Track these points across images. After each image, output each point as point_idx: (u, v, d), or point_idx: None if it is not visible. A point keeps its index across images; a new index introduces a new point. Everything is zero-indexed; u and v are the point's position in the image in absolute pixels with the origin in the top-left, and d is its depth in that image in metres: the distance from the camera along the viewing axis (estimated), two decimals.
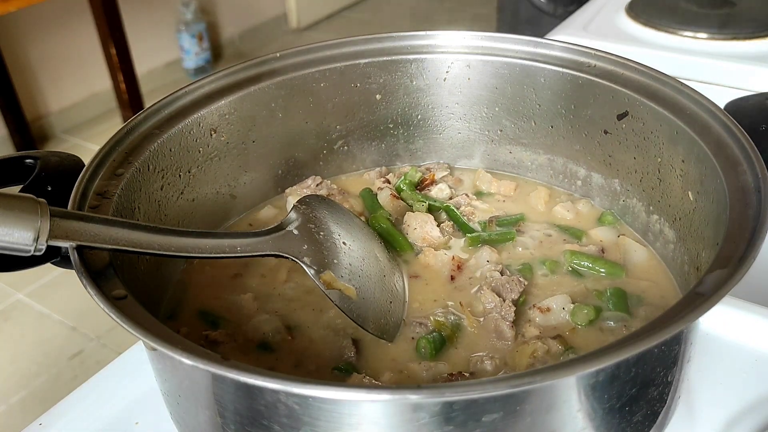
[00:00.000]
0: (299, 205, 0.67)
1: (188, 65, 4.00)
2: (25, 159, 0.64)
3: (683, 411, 0.65)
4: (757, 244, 0.49)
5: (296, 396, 0.45)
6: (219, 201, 0.78)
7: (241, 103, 0.75)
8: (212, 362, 0.43)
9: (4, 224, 0.48)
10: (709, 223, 0.61)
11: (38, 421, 0.69)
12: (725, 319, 0.73)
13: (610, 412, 0.50)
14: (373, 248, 0.69)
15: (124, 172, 0.63)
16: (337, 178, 0.87)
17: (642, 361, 0.49)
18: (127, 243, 0.54)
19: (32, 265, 0.55)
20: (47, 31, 3.34)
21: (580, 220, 0.78)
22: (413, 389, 0.41)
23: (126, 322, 0.46)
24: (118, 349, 2.15)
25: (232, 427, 0.50)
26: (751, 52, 1.22)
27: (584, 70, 0.73)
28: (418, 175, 0.84)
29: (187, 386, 0.53)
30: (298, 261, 0.62)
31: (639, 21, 1.34)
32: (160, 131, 0.68)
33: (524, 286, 0.67)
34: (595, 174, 0.79)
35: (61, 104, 3.53)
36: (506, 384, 0.41)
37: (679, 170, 0.67)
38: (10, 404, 2.09)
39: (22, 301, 2.48)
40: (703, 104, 0.64)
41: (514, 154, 0.85)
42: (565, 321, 0.64)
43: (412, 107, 0.84)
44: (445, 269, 0.71)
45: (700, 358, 0.70)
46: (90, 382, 0.73)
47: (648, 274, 0.71)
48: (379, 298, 0.65)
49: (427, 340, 0.62)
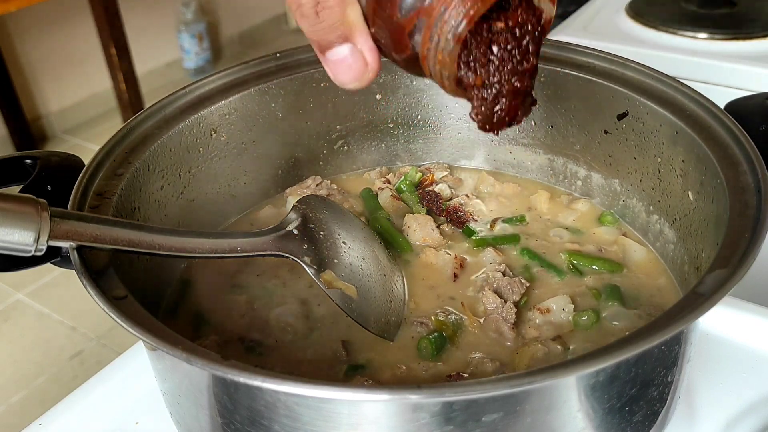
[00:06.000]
0: (299, 205, 0.67)
1: (188, 65, 4.00)
2: (25, 159, 0.65)
3: (683, 411, 0.65)
4: (757, 244, 0.49)
5: (296, 396, 0.45)
6: (219, 201, 0.78)
7: (241, 103, 0.75)
8: (212, 362, 0.43)
9: (4, 224, 0.48)
10: (709, 223, 0.61)
11: (38, 421, 0.69)
12: (725, 319, 0.73)
13: (610, 412, 0.50)
14: (374, 248, 0.69)
15: (124, 172, 0.63)
16: (337, 178, 0.87)
17: (642, 361, 0.49)
18: (127, 243, 0.54)
19: (32, 265, 0.55)
20: (47, 31, 3.34)
21: (580, 220, 0.78)
22: (413, 389, 0.41)
23: (126, 322, 0.46)
24: (118, 349, 2.15)
25: (232, 427, 0.50)
26: (751, 52, 1.22)
27: (584, 70, 0.73)
28: (418, 175, 0.84)
29: (187, 386, 0.53)
30: (298, 261, 0.62)
31: (639, 21, 1.34)
32: (160, 131, 0.68)
33: (526, 288, 0.67)
34: (595, 174, 0.79)
35: (61, 104, 3.53)
36: (506, 384, 0.41)
37: (679, 170, 0.67)
38: (10, 404, 2.09)
39: (22, 301, 2.48)
40: (703, 104, 0.64)
41: (514, 154, 0.85)
42: (566, 321, 0.64)
43: (412, 107, 0.84)
44: (447, 268, 0.71)
45: (700, 358, 0.70)
46: (90, 382, 0.73)
47: (648, 274, 0.71)
48: (380, 298, 0.65)
49: (428, 340, 0.62)
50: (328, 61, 0.46)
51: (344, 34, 0.45)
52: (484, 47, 0.44)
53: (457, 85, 0.45)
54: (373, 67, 0.46)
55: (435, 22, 0.43)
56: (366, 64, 0.46)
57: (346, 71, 0.46)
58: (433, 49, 0.44)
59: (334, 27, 0.44)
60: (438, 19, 0.42)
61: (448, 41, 0.43)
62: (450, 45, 0.43)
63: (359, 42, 0.45)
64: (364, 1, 0.45)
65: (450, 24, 0.42)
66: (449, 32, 0.43)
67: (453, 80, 0.45)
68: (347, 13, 0.44)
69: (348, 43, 0.45)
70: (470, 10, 0.42)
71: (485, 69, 0.45)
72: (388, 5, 0.44)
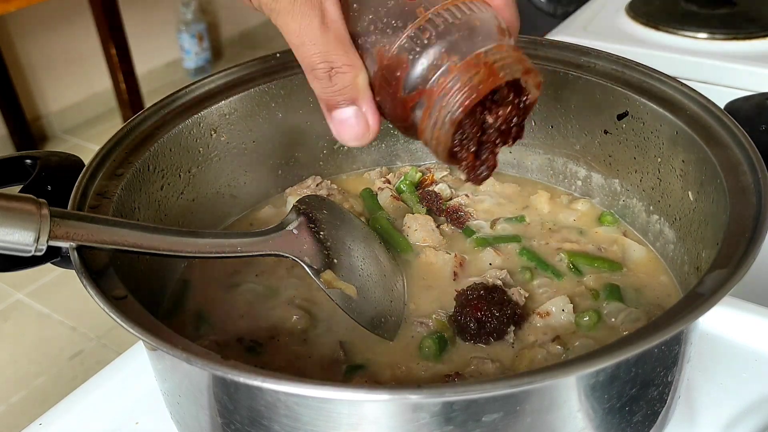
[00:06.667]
0: (299, 205, 0.67)
1: (188, 65, 4.00)
2: (25, 159, 0.65)
3: (683, 411, 0.65)
4: (757, 244, 0.49)
5: (296, 396, 0.45)
6: (219, 201, 0.78)
7: (241, 103, 0.75)
8: (212, 362, 0.43)
9: (4, 224, 0.48)
10: (709, 223, 0.61)
11: (38, 421, 0.69)
12: (725, 319, 0.73)
13: (610, 412, 0.50)
14: (374, 248, 0.69)
15: (124, 172, 0.63)
16: (337, 178, 0.87)
17: (642, 361, 0.49)
18: (127, 243, 0.54)
19: (32, 265, 0.55)
20: (47, 31, 3.34)
21: (580, 220, 0.78)
22: (413, 389, 0.41)
23: (126, 322, 0.46)
24: (118, 349, 2.15)
25: (232, 427, 0.50)
26: (751, 52, 1.22)
27: (584, 70, 0.73)
28: (418, 175, 0.84)
29: (187, 386, 0.53)
30: (298, 260, 0.62)
31: (639, 21, 1.34)
32: (160, 131, 0.68)
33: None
34: (595, 174, 0.79)
35: (61, 104, 3.53)
36: (506, 384, 0.41)
37: (679, 170, 0.67)
38: (10, 404, 2.09)
39: (22, 301, 2.48)
40: (703, 104, 0.64)
41: (514, 154, 0.85)
42: (566, 323, 0.64)
43: None
44: (447, 268, 0.71)
45: (700, 358, 0.70)
46: (90, 382, 0.73)
47: (648, 273, 0.71)
48: (380, 297, 0.65)
49: (432, 340, 0.62)
50: (333, 120, 0.51)
51: (352, 97, 0.50)
52: (476, 128, 0.50)
53: (449, 157, 0.51)
54: (374, 129, 0.51)
55: (434, 105, 0.48)
56: (368, 127, 0.51)
57: (348, 130, 0.51)
58: (431, 128, 0.49)
59: (343, 91, 0.49)
60: (437, 102, 0.48)
61: (445, 123, 0.48)
62: (446, 126, 0.48)
63: (364, 106, 0.50)
64: (372, 72, 0.50)
65: (447, 109, 0.47)
66: (446, 116, 0.48)
67: (446, 153, 0.50)
68: (357, 80, 0.49)
69: (354, 106, 0.50)
70: (466, 100, 0.47)
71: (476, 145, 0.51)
72: (393, 82, 0.49)
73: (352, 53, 0.49)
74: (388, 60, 0.48)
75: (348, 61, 0.48)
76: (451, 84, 0.47)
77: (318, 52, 0.48)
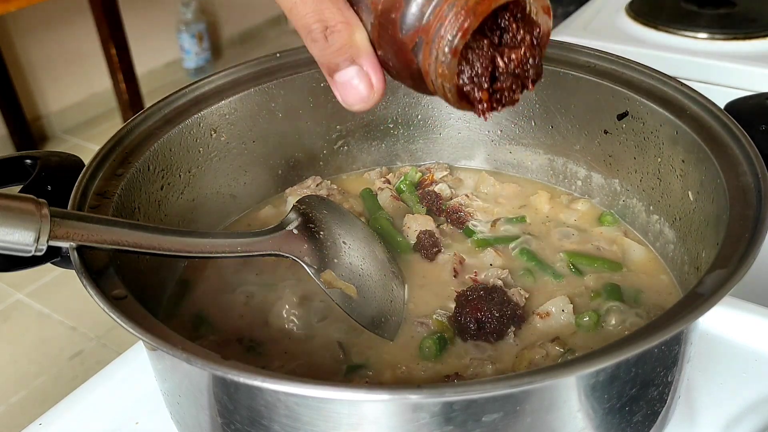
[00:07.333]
0: (299, 205, 0.67)
1: (188, 65, 4.00)
2: (25, 159, 0.65)
3: (683, 411, 0.65)
4: (757, 244, 0.49)
5: (296, 396, 0.45)
6: (219, 201, 0.78)
7: (241, 103, 0.75)
8: (212, 362, 0.43)
9: (4, 224, 0.48)
10: (709, 223, 0.61)
11: (38, 421, 0.69)
12: (725, 319, 0.73)
13: (610, 412, 0.50)
14: (374, 248, 0.69)
15: (124, 172, 0.63)
16: (337, 178, 0.87)
17: (642, 361, 0.49)
18: (127, 243, 0.54)
19: (32, 265, 0.55)
20: (47, 31, 3.34)
21: (580, 220, 0.78)
22: (413, 389, 0.41)
23: (126, 322, 0.46)
24: (118, 349, 2.15)
25: (232, 427, 0.50)
26: (751, 52, 1.22)
27: (584, 70, 0.73)
28: (418, 175, 0.84)
29: (187, 386, 0.53)
30: (298, 260, 0.62)
31: (639, 21, 1.34)
32: (160, 131, 0.68)
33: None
34: (595, 174, 0.79)
35: (61, 104, 3.53)
36: (506, 384, 0.41)
37: (679, 170, 0.67)
38: (10, 404, 2.09)
39: (22, 301, 2.48)
40: (703, 104, 0.64)
41: (514, 154, 0.85)
42: (566, 323, 0.64)
43: (412, 107, 0.84)
44: (447, 268, 0.71)
45: (700, 358, 0.70)
46: (90, 382, 0.73)
47: (648, 274, 0.71)
48: (380, 297, 0.65)
49: (432, 340, 0.62)
50: (336, 83, 0.50)
51: (351, 56, 0.48)
52: (485, 62, 0.47)
53: (461, 99, 0.48)
54: (379, 88, 0.49)
55: (433, 38, 0.45)
56: (371, 86, 0.49)
57: (352, 92, 0.49)
58: (434, 64, 0.46)
59: (342, 50, 0.47)
60: (435, 35, 0.45)
61: (446, 54, 0.45)
62: (448, 58, 0.45)
63: (365, 63, 0.48)
64: (369, 25, 0.48)
65: (446, 38, 0.45)
66: (446, 46, 0.45)
67: (455, 93, 0.47)
68: (354, 36, 0.47)
69: (355, 65, 0.48)
70: (464, 24, 0.44)
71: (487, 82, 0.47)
72: (390, 26, 0.46)
73: (346, 9, 0.47)
74: (382, 4, 0.46)
75: (342, 18, 0.47)
76: (447, 11, 0.44)
77: (311, 12, 0.47)
